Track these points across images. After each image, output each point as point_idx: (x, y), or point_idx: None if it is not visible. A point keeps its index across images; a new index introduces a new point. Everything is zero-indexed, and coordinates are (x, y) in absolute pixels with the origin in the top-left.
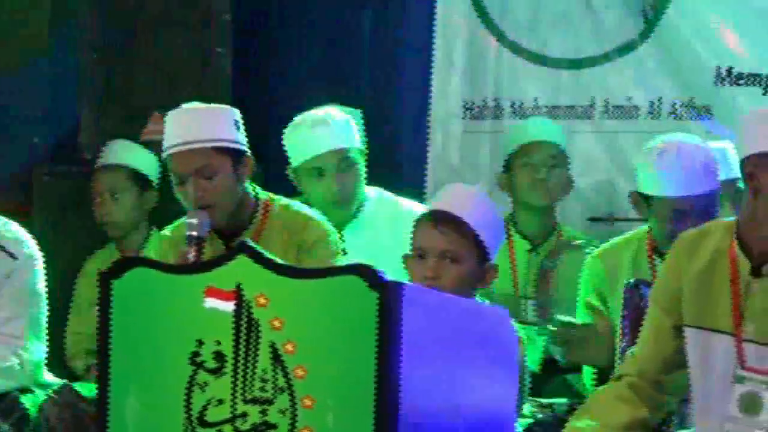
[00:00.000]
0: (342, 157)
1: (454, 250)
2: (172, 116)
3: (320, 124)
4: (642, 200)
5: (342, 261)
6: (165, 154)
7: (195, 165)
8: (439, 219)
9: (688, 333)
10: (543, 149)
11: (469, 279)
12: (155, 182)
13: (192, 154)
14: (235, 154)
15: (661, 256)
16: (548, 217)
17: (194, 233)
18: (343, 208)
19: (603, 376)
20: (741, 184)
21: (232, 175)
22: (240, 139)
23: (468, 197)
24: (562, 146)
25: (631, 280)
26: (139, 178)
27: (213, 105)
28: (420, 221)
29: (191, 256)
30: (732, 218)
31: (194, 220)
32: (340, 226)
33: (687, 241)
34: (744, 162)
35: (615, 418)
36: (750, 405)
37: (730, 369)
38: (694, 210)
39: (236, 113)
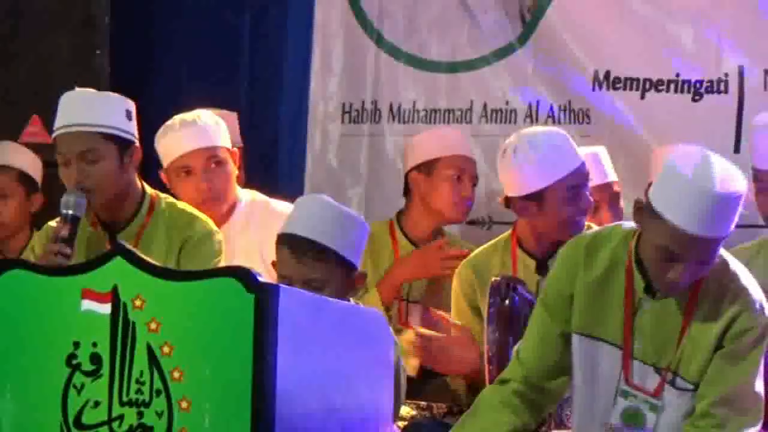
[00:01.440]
0: (210, 156)
1: (318, 278)
2: (65, 97)
3: (189, 124)
4: (526, 200)
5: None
6: (54, 134)
7: (80, 148)
8: (297, 249)
9: (576, 340)
10: (470, 165)
11: (339, 294)
12: (39, 185)
13: (78, 137)
14: (123, 143)
15: (535, 256)
16: (440, 224)
17: (69, 211)
18: (212, 207)
19: (474, 385)
20: (616, 188)
21: (116, 163)
22: (129, 129)
23: (322, 212)
24: None
25: (497, 278)
26: (26, 181)
27: (107, 92)
28: (280, 246)
29: (64, 233)
30: (630, 225)
31: (71, 198)
32: None
33: (582, 246)
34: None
35: (497, 428)
36: (631, 419)
37: (614, 382)
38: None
39: (130, 104)
